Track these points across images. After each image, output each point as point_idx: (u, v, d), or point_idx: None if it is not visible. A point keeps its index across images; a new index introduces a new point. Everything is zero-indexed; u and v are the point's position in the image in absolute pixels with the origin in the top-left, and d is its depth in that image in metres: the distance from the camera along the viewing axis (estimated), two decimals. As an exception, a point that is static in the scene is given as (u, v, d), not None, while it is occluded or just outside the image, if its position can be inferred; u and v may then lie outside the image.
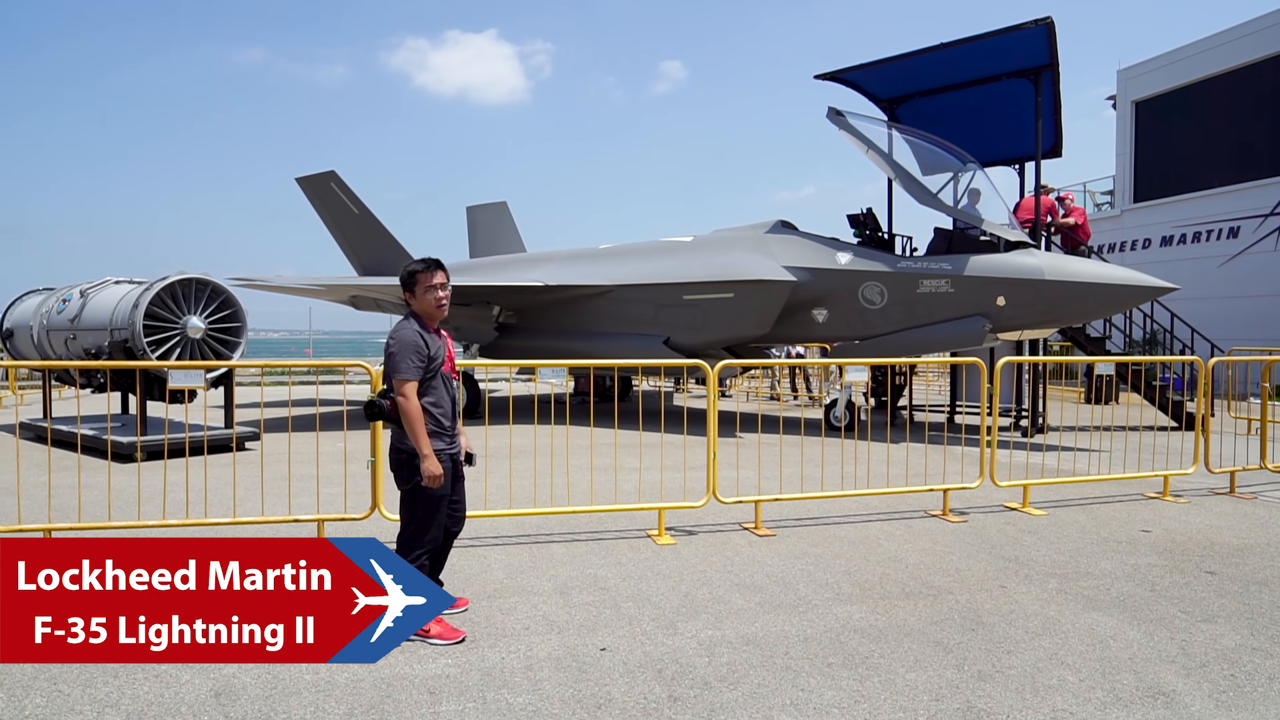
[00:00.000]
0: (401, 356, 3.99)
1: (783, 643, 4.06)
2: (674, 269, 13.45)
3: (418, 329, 4.09)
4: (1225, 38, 21.60)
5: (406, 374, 3.98)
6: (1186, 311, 15.27)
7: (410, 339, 4.03)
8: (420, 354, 4.02)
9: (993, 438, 7.06)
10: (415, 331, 4.06)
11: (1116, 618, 4.42)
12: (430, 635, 4.02)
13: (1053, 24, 10.82)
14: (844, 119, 11.84)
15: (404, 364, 3.98)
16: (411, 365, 3.99)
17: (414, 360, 3.99)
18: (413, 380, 3.99)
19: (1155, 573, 5.26)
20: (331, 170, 17.87)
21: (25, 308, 12.72)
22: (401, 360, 3.99)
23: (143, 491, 7.10)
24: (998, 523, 6.59)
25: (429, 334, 4.12)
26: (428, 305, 4.15)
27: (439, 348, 4.14)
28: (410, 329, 4.08)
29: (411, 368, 3.99)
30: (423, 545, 4.10)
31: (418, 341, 4.03)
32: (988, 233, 11.39)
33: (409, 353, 3.99)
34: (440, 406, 4.13)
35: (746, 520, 6.52)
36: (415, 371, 4.00)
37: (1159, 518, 6.82)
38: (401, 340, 4.03)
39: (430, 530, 4.11)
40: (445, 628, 4.08)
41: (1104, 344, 13.45)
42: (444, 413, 4.14)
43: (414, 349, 4.01)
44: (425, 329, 4.13)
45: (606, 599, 4.69)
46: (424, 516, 4.10)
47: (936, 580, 5.08)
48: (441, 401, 4.14)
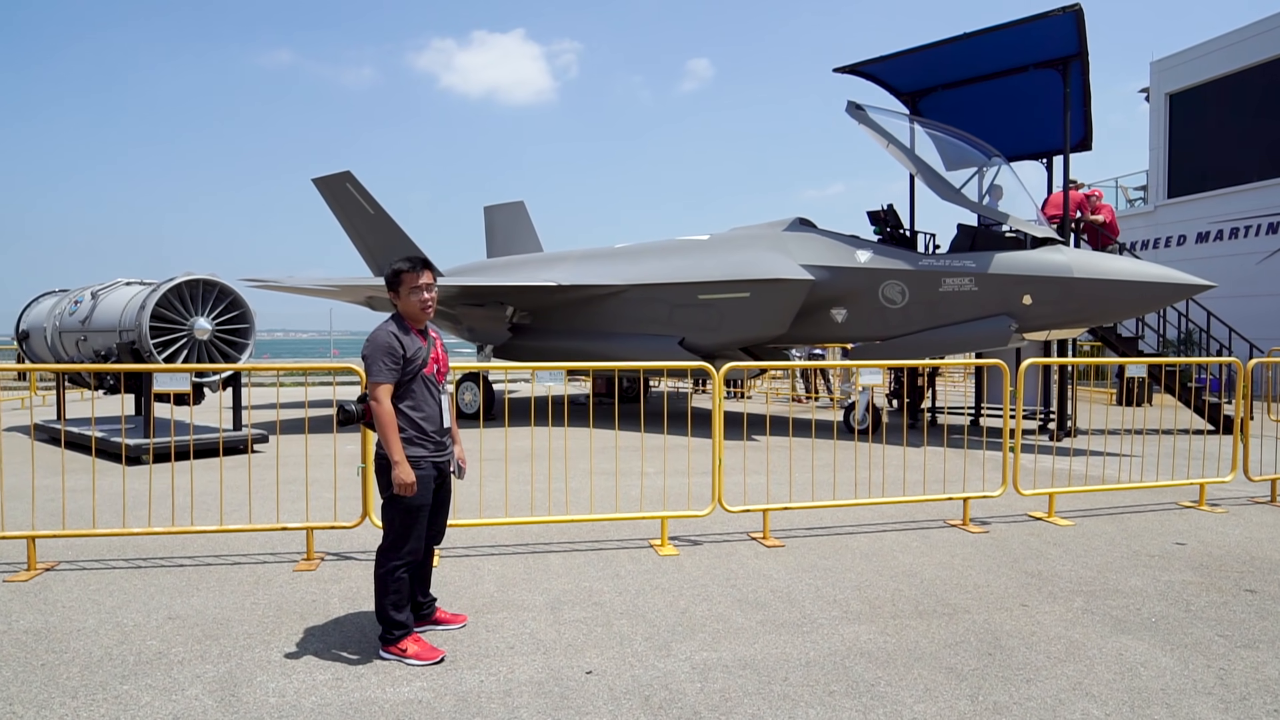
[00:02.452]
0: (373, 359, 3.83)
1: (782, 667, 3.78)
2: (689, 268, 13.17)
3: (394, 330, 3.90)
4: (1262, 27, 20.85)
5: (377, 376, 3.82)
6: (1223, 310, 14.70)
7: (382, 341, 3.85)
8: (393, 355, 3.83)
9: (1015, 443, 6.70)
10: (390, 333, 3.88)
11: (1147, 642, 4.09)
12: (407, 655, 3.80)
13: (1081, 11, 10.39)
14: (864, 113, 11.48)
15: (374, 366, 3.82)
16: (383, 368, 3.81)
17: (386, 363, 3.82)
18: (384, 383, 3.81)
19: (1190, 591, 4.90)
20: (347, 170, 17.80)
21: (40, 310, 12.74)
22: (373, 363, 3.83)
23: (137, 496, 6.97)
24: (1021, 534, 6.25)
25: (409, 335, 3.93)
26: (412, 307, 3.97)
27: (418, 349, 3.93)
28: (385, 330, 3.90)
29: (383, 370, 3.81)
30: (400, 556, 3.88)
31: (390, 343, 3.85)
32: (1013, 229, 10.99)
33: (380, 355, 3.82)
34: (420, 411, 3.92)
35: (754, 529, 6.23)
36: (387, 374, 3.82)
37: (1194, 529, 6.43)
38: (374, 342, 3.87)
39: (409, 541, 3.90)
40: (423, 647, 3.85)
41: (1136, 344, 12.96)
42: (424, 417, 3.93)
43: (386, 350, 3.83)
44: (406, 331, 3.95)
45: (599, 615, 4.44)
46: (402, 527, 3.89)
47: (953, 597, 4.76)
48: (422, 406, 3.93)
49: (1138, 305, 10.47)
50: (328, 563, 5.41)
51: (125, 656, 3.88)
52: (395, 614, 3.86)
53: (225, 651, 3.93)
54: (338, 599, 4.69)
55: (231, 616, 4.40)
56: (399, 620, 3.86)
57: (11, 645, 4.01)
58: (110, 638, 4.11)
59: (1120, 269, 10.26)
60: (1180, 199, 22.83)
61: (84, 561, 5.43)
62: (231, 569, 5.27)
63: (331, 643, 4.04)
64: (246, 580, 5.03)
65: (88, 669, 3.74)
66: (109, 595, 4.75)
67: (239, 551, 5.67)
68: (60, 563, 5.40)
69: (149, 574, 5.17)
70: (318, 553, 5.56)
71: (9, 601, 4.65)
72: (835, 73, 13.03)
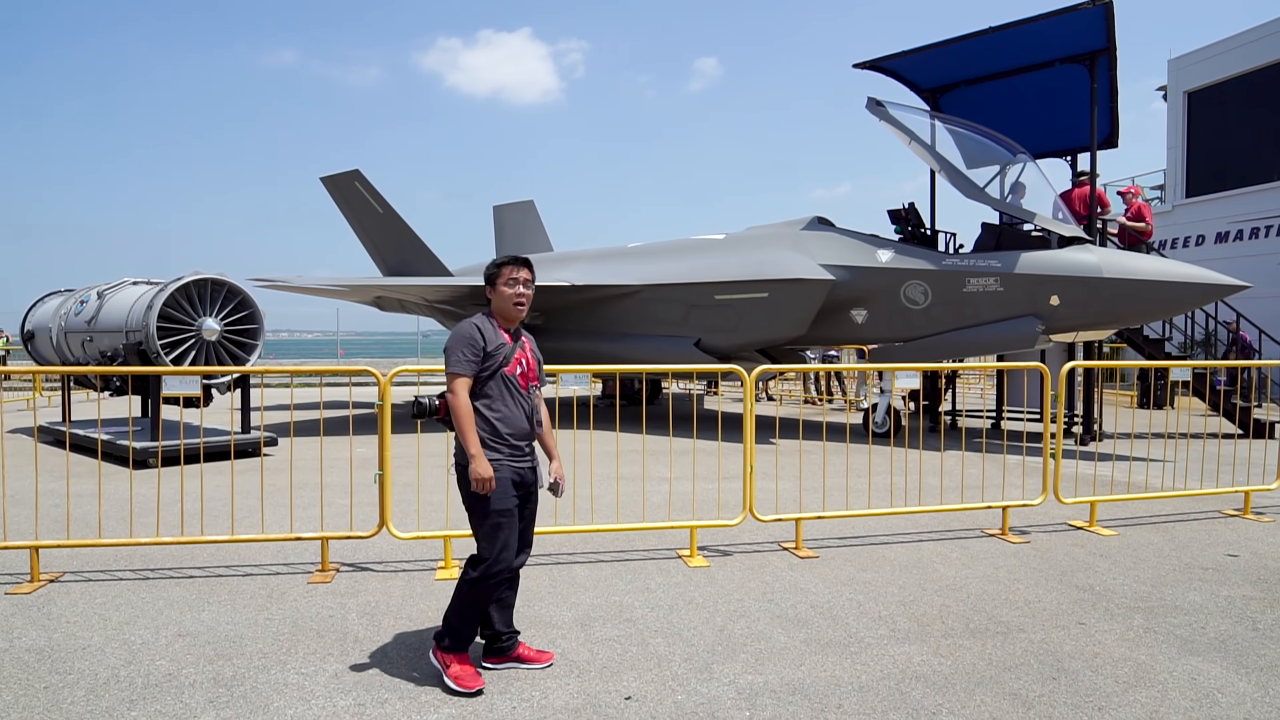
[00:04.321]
0: (452, 349, 3.57)
1: (834, 692, 3.53)
2: (705, 268, 12.92)
3: (478, 322, 3.64)
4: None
5: (455, 367, 3.54)
6: (1245, 310, 14.40)
7: (465, 331, 3.59)
8: (473, 346, 3.55)
9: (1057, 450, 6.44)
10: (473, 324, 3.62)
11: (1219, 665, 3.83)
12: (447, 671, 3.51)
13: (1111, 4, 10.12)
14: (884, 109, 11.23)
15: (453, 357, 3.55)
16: (461, 359, 3.54)
17: (465, 353, 3.54)
18: (461, 375, 3.53)
19: (1254, 607, 4.64)
20: (355, 169, 17.59)
21: (46, 309, 12.55)
22: (452, 353, 3.56)
23: (145, 502, 6.75)
24: (1064, 544, 5.99)
25: (494, 330, 3.64)
26: (505, 301, 3.68)
27: (500, 345, 3.63)
28: (469, 322, 3.64)
29: (461, 361, 3.54)
30: (494, 574, 3.54)
31: (472, 334, 3.57)
32: (1040, 228, 10.72)
33: (460, 345, 3.55)
34: (496, 411, 3.60)
35: (786, 539, 5.99)
36: (466, 365, 3.54)
37: (1244, 539, 6.17)
38: (456, 332, 3.62)
39: (495, 551, 3.54)
40: (466, 671, 3.53)
41: (1163, 345, 12.66)
42: (500, 418, 3.59)
43: (466, 341, 3.56)
44: (493, 326, 3.66)
45: (633, 633, 4.20)
46: (488, 534, 3.56)
47: (1004, 614, 4.51)
48: (499, 406, 3.61)
49: (1169, 306, 10.19)
50: (344, 574, 5.18)
51: (133, 678, 3.64)
52: (458, 622, 3.57)
53: (239, 673, 3.69)
54: (355, 614, 4.45)
55: (245, 634, 4.17)
56: (460, 632, 3.57)
57: (13, 665, 3.78)
58: (117, 657, 3.88)
59: (1151, 269, 9.99)
60: (1199, 198, 22.52)
61: (89, 572, 5.20)
62: (243, 581, 5.04)
63: (351, 664, 3.80)
64: (259, 593, 4.80)
65: (93, 692, 3.50)
66: (115, 610, 4.52)
67: (250, 562, 5.44)
68: (65, 573, 5.17)
69: (157, 586, 4.94)
70: (333, 564, 5.33)
71: (11, 616, 4.42)
72: (855, 68, 12.78)
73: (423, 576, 5.15)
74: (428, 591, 4.85)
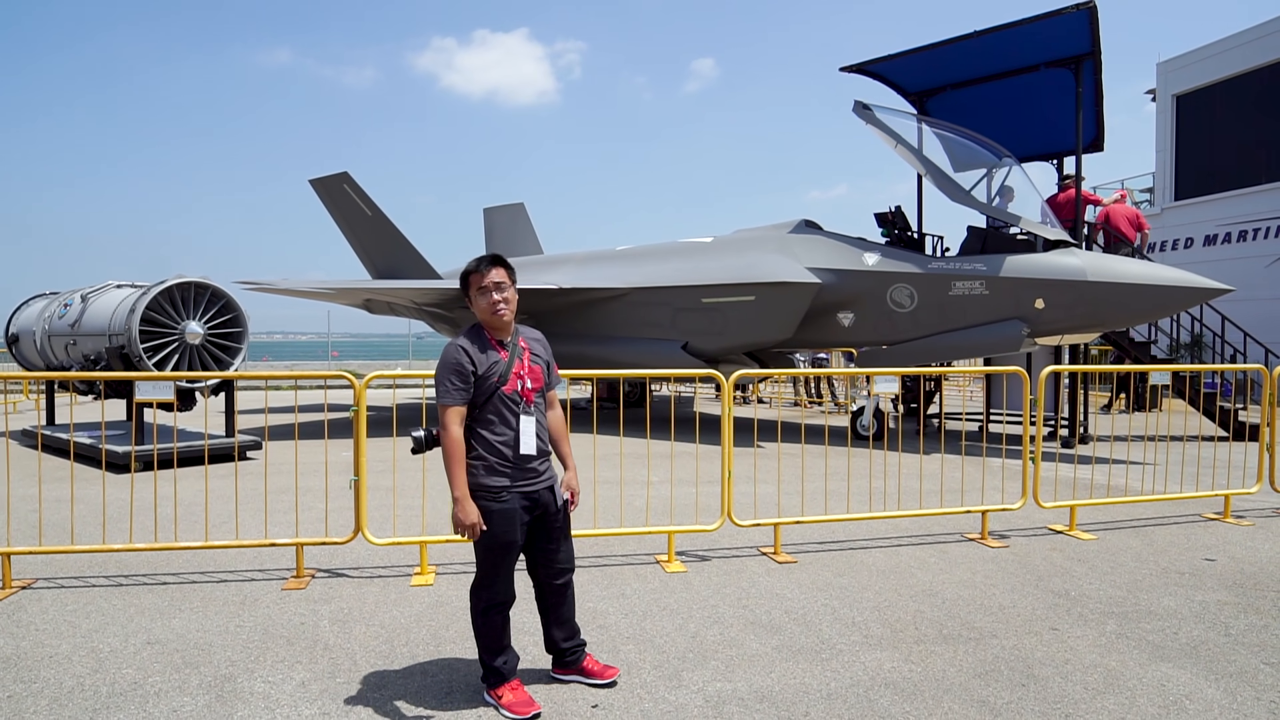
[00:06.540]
0: (440, 379, 3.32)
1: (802, 699, 3.52)
2: (692, 271, 12.92)
3: (464, 344, 3.37)
4: (1271, 28, 20.64)
5: (444, 398, 3.31)
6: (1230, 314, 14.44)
7: (450, 358, 3.34)
8: (460, 374, 3.30)
9: (1037, 454, 6.44)
10: (458, 347, 3.35)
11: (1189, 671, 3.83)
12: (501, 703, 3.38)
13: (1095, 8, 10.16)
14: (871, 113, 11.25)
15: (441, 388, 3.31)
16: (450, 388, 3.30)
17: (452, 382, 3.30)
18: (451, 406, 3.29)
19: (1227, 612, 4.65)
20: (344, 172, 17.55)
21: (30, 313, 12.49)
22: (439, 384, 3.32)
23: (121, 507, 6.71)
24: (1043, 548, 5.99)
25: (484, 350, 3.38)
26: (483, 312, 3.44)
27: (493, 365, 3.37)
28: (454, 345, 3.39)
29: (449, 391, 3.30)
30: (490, 600, 3.41)
31: (458, 360, 3.32)
32: (1025, 231, 10.75)
33: (446, 374, 3.31)
34: (501, 436, 3.37)
35: (765, 544, 5.98)
36: (454, 395, 3.29)
37: (1222, 543, 6.18)
38: (442, 358, 3.36)
39: (496, 582, 3.41)
40: (519, 698, 3.39)
41: (1149, 348, 12.70)
42: (505, 442, 3.37)
43: (452, 369, 3.31)
44: (483, 343, 3.41)
45: (605, 640, 4.18)
46: (486, 565, 3.40)
47: (978, 620, 4.50)
48: (502, 430, 3.37)
49: (1153, 309, 10.22)
50: (318, 580, 5.15)
51: (99, 687, 3.62)
52: (488, 658, 3.44)
53: (205, 682, 3.67)
54: (328, 621, 4.43)
55: (214, 641, 4.14)
56: (494, 666, 3.43)
57: (-23, 674, 3.75)
58: (84, 665, 3.85)
59: (1135, 272, 10.02)
60: (1187, 201, 22.60)
61: (62, 579, 5.17)
62: (217, 587, 5.01)
63: (320, 671, 3.78)
64: (232, 600, 4.77)
65: (57, 702, 3.48)
66: (86, 617, 4.49)
67: (225, 568, 5.41)
68: (38, 580, 5.14)
69: (130, 593, 4.91)
70: (308, 569, 5.30)
71: (-21, 624, 4.39)
72: (841, 72, 12.80)
73: (397, 583, 5.12)
74: (401, 598, 4.83)
